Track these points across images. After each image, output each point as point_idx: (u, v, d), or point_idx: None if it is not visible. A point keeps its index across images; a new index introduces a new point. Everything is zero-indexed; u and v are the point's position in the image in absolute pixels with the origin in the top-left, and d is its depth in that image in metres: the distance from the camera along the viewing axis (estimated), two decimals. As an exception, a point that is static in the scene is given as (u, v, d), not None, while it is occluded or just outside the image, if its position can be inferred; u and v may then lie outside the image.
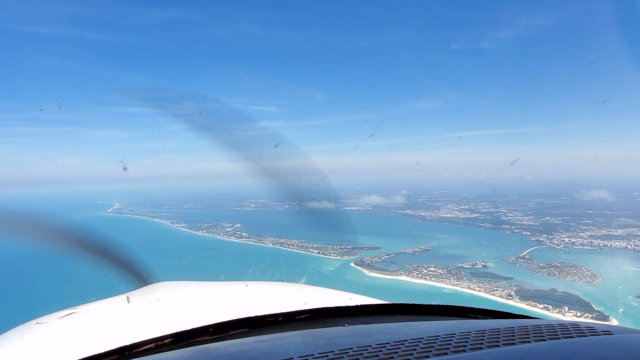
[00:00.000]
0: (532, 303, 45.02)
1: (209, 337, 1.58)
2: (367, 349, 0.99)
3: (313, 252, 67.01)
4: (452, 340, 1.05)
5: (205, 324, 1.63)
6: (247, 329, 1.64)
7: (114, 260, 3.83)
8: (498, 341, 1.06)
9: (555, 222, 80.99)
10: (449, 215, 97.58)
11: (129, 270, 3.74)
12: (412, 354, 0.95)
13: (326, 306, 1.79)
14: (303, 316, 1.70)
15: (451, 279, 52.98)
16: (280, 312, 1.72)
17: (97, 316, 3.02)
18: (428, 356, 0.94)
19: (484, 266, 58.49)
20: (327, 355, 0.97)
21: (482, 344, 1.03)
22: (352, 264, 61.11)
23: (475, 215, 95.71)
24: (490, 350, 0.99)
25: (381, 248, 68.62)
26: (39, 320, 2.93)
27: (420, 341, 1.03)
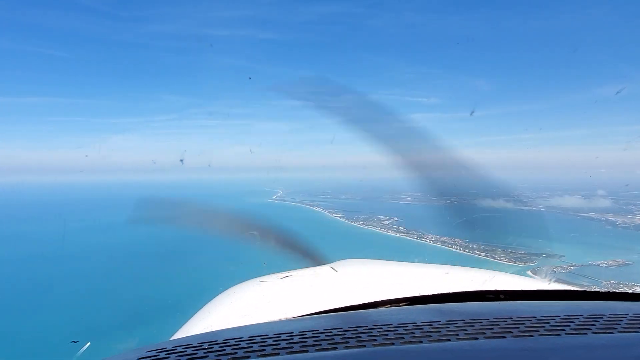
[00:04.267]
0: None
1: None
2: (601, 319, 1.20)
3: (479, 255, 61.39)
4: None
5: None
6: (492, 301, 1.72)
7: (293, 247, 4.29)
8: None
9: None
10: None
11: (306, 256, 4.10)
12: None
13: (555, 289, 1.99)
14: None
15: (669, 305, 42.47)
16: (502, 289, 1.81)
17: (310, 280, 3.32)
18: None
19: None
20: (552, 320, 1.19)
21: None
22: (530, 273, 53.87)
23: (688, 225, 77.43)
24: None
25: (564, 257, 59.43)
26: (261, 279, 3.36)
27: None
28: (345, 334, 1.13)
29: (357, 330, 1.17)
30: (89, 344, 34.49)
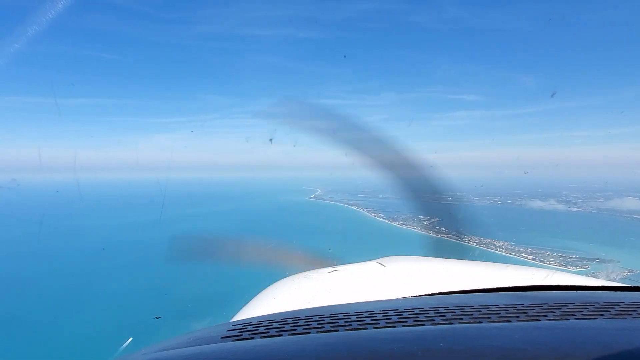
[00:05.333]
0: None
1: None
2: None
3: (527, 258, 58.76)
4: None
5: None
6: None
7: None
8: None
9: None
10: None
11: None
12: None
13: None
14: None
15: None
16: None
17: (361, 273, 3.39)
18: None
19: None
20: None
21: None
22: (582, 279, 50.96)
23: None
24: None
25: (619, 262, 55.92)
26: (309, 272, 3.38)
27: None
28: (428, 313, 1.14)
29: (438, 310, 1.17)
30: (131, 339, 35.49)
